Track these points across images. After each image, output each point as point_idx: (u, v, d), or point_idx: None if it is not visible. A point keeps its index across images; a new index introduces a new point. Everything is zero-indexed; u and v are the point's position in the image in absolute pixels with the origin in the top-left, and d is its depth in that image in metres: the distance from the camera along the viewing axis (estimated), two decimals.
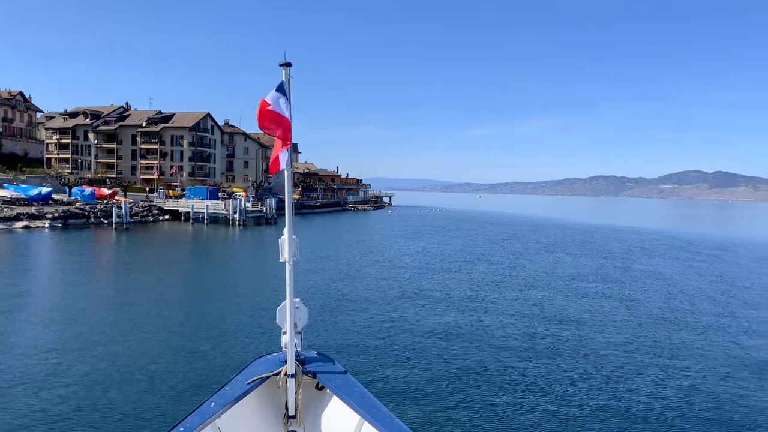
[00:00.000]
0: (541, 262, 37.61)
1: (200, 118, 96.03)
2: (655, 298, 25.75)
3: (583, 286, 28.50)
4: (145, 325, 18.61)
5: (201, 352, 15.73)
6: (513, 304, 23.47)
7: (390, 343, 17.06)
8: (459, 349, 16.53)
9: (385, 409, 4.08)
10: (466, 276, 30.69)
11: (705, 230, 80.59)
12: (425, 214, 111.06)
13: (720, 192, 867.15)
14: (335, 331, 18.30)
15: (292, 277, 4.57)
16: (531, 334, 18.51)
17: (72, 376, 13.59)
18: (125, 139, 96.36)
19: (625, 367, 15.34)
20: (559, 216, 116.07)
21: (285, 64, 4.30)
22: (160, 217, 69.72)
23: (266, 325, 18.51)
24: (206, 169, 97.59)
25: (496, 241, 52.88)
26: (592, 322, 20.54)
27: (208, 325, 18.67)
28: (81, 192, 69.08)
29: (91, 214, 61.35)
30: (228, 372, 11.17)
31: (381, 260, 36.67)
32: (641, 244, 53.12)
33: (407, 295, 24.96)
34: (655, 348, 17.28)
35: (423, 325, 19.52)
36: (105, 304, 21.88)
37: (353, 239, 52.33)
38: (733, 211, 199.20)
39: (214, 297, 23.94)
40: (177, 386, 13.03)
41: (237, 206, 66.79)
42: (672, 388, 13.77)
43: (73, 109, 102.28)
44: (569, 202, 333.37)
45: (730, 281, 31.31)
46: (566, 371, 14.77)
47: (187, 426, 3.84)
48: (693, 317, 21.84)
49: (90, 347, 16.00)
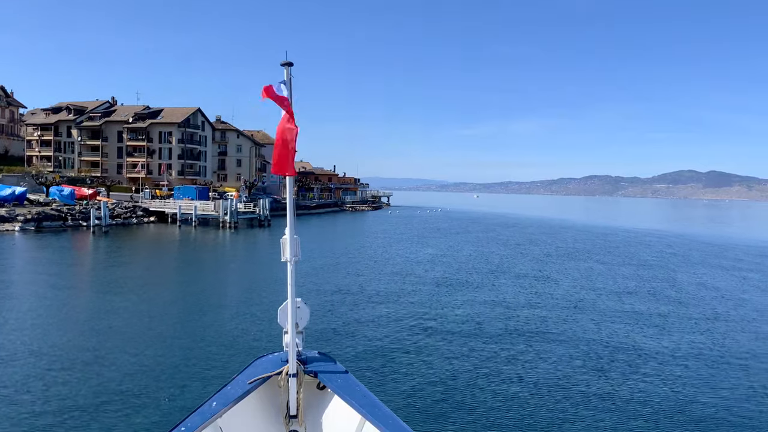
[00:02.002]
0: (573, 273, 33.04)
1: (190, 113, 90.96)
2: (731, 319, 21.21)
3: (637, 306, 23.91)
4: (110, 345, 13.91)
5: (168, 389, 11.09)
6: (560, 330, 18.86)
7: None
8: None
9: (386, 408, 4.04)
10: (493, 293, 26.05)
11: (729, 233, 76.24)
12: (426, 215, 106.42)
13: (714, 192, 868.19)
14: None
15: (293, 277, 4.44)
16: (593, 369, 13.91)
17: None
18: (111, 135, 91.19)
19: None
20: (564, 216, 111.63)
21: (286, 63, 4.34)
22: (144, 219, 64.71)
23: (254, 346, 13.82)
24: (196, 168, 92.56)
25: (511, 246, 48.31)
26: (672, 361, 15.95)
27: (184, 353, 14.01)
28: (59, 192, 63.96)
29: (69, 216, 56.33)
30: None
31: (388, 271, 32.00)
32: (670, 249, 48.64)
33: (427, 326, 20.28)
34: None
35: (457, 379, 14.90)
36: (64, 327, 17.13)
37: (354, 245, 47.64)
38: (737, 211, 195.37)
39: (193, 313, 19.26)
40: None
41: (228, 207, 61.87)
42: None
43: (56, 104, 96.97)
44: (567, 202, 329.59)
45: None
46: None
47: (188, 425, 3.81)
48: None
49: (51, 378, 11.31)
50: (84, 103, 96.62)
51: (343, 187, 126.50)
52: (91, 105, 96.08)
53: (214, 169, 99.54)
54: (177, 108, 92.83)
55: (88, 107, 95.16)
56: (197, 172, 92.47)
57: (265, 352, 4.67)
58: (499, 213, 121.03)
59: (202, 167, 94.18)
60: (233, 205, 63.19)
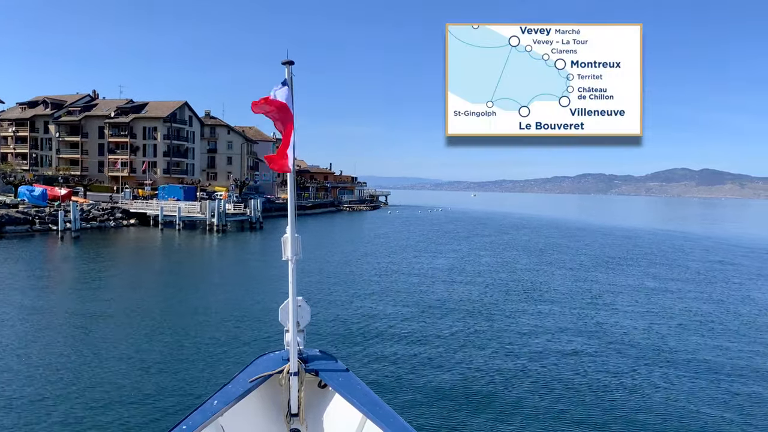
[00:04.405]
0: (627, 292, 27.62)
1: (176, 107, 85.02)
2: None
3: (737, 346, 18.52)
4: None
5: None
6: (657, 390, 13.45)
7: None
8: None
9: (387, 407, 4.06)
10: (539, 324, 20.58)
11: (761, 234, 71.07)
12: (428, 215, 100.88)
13: (707, 190, 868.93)
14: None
15: (294, 276, 4.47)
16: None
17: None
18: (91, 131, 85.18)
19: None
20: (572, 216, 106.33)
21: (288, 62, 4.31)
22: (124, 221, 58.80)
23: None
24: (183, 166, 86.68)
25: (534, 253, 42.87)
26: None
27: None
28: (30, 192, 58.05)
29: (37, 219, 50.46)
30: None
31: (398, 288, 26.51)
32: (715, 256, 43.28)
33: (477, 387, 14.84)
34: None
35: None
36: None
37: (355, 252, 42.09)
38: (742, 210, 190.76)
39: (163, 339, 13.83)
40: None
41: (215, 208, 56.08)
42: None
43: (33, 98, 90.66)
44: (564, 200, 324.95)
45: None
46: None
47: (189, 424, 3.81)
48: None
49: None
50: (63, 96, 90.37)
51: (339, 186, 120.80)
52: (71, 99, 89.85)
53: (203, 167, 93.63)
54: (162, 102, 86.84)
55: (67, 101, 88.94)
56: (184, 170, 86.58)
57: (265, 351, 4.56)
58: (502, 212, 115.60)
59: (190, 165, 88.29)
60: (221, 206, 57.46)
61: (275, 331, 16.07)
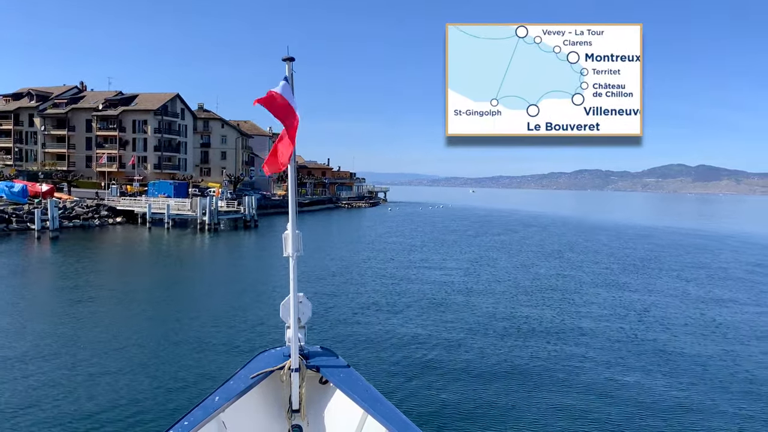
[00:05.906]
0: (676, 304, 24.44)
1: (168, 99, 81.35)
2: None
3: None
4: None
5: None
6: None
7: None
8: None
9: (388, 403, 4.04)
10: (590, 355, 17.32)
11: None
12: (429, 212, 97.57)
13: (704, 186, 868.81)
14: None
15: (295, 272, 4.40)
16: None
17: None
18: (78, 124, 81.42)
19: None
20: (578, 213, 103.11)
21: (288, 59, 4.25)
22: (110, 219, 55.21)
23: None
24: (175, 161, 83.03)
25: (552, 255, 39.53)
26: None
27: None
28: (9, 188, 54.41)
29: (14, 217, 46.92)
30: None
31: (408, 300, 23.18)
32: (748, 257, 40.15)
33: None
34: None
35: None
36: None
37: (356, 253, 38.71)
38: (745, 206, 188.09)
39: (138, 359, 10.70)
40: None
41: (207, 206, 52.57)
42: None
43: (17, 89, 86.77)
44: (563, 196, 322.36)
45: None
46: None
47: (191, 420, 3.79)
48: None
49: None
50: (49, 88, 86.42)
51: (338, 182, 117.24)
52: (57, 91, 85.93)
53: (196, 162, 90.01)
54: (153, 94, 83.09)
55: (54, 93, 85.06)
56: (176, 165, 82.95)
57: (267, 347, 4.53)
58: (505, 209, 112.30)
59: (182, 160, 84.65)
60: (213, 204, 53.97)
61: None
